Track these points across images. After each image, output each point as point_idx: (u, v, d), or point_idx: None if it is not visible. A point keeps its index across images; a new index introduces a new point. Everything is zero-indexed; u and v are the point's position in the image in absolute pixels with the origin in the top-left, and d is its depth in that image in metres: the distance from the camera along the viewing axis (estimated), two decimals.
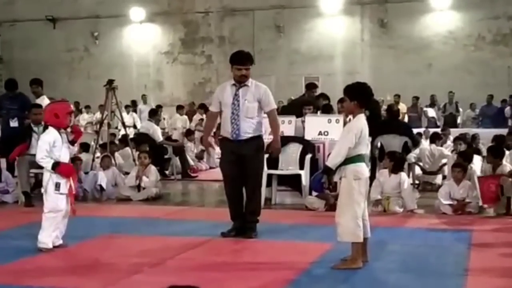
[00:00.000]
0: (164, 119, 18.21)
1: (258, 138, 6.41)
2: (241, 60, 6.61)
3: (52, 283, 4.65)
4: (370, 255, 5.11)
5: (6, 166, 9.49)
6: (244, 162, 6.31)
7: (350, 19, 21.23)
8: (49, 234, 5.71)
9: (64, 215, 5.77)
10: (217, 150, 14.94)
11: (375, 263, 5.25)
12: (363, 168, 5.00)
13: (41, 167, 8.98)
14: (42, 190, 5.87)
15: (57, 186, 5.72)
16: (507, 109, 17.88)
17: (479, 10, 19.93)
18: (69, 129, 6.15)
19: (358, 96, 5.11)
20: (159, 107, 15.37)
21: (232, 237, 6.23)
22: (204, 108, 17.67)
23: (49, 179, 5.79)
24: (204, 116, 15.93)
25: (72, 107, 6.13)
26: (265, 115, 6.59)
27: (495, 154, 8.25)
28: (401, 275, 4.91)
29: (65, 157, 5.87)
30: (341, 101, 10.13)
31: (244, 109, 6.34)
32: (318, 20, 21.38)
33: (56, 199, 5.71)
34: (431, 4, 20.35)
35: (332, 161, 5.03)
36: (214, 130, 8.81)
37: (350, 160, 4.94)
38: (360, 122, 5.02)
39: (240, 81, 6.51)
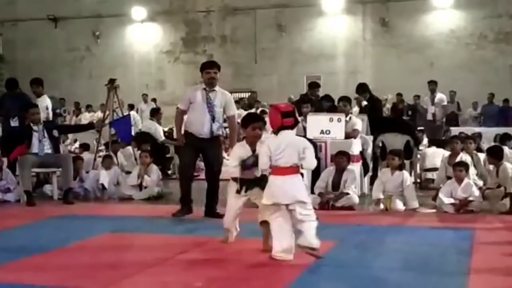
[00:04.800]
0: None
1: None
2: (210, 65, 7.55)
3: (54, 282, 4.64)
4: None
5: (7, 165, 9.50)
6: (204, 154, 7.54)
7: (352, 18, 21.23)
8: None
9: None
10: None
11: (377, 262, 5.24)
12: None
13: (43, 166, 9.08)
14: None
15: None
16: None
17: (481, 8, 19.92)
18: None
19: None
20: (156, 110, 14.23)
21: (181, 217, 7.33)
22: None
23: None
24: None
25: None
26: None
27: (496, 155, 8.23)
28: (403, 273, 4.89)
29: None
30: (342, 100, 10.14)
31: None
32: (320, 19, 21.38)
33: None
34: (433, 2, 20.34)
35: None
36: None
37: None
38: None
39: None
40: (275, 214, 5.07)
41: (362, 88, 11.31)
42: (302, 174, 7.81)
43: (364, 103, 10.64)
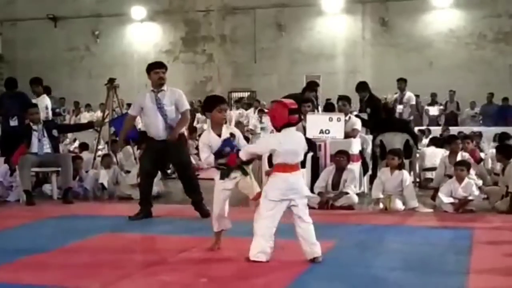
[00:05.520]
0: None
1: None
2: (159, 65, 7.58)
3: (53, 281, 4.64)
4: None
5: (8, 165, 9.49)
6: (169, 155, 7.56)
7: (351, 18, 21.23)
8: None
9: None
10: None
11: (376, 262, 5.25)
12: None
13: (43, 166, 9.08)
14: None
15: None
16: None
17: (480, 8, 19.93)
18: None
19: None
20: None
21: (139, 219, 7.22)
22: None
23: None
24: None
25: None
26: None
27: (504, 153, 8.25)
28: (402, 273, 4.89)
29: None
30: (341, 99, 10.14)
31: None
32: (319, 19, 21.38)
33: None
34: (432, 2, 20.35)
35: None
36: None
37: None
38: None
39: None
40: (269, 212, 4.97)
41: (362, 87, 11.31)
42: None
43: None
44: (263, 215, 4.99)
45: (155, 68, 7.44)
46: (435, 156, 10.33)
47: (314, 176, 8.44)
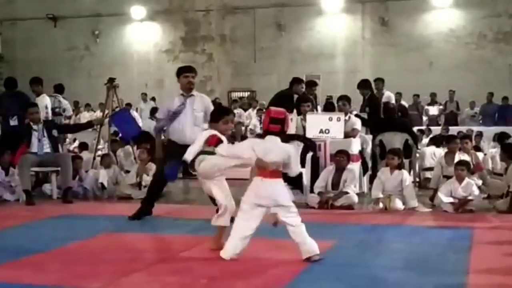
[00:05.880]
0: None
1: None
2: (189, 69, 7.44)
3: (52, 281, 4.64)
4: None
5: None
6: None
7: (351, 17, 21.23)
8: None
9: None
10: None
11: (376, 261, 5.25)
12: None
13: (43, 166, 9.08)
14: None
15: None
16: None
17: (480, 8, 19.93)
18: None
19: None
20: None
21: (139, 219, 7.24)
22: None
23: None
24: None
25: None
26: None
27: (509, 152, 8.24)
28: (402, 273, 4.89)
29: None
30: (341, 99, 10.15)
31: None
32: (319, 19, 21.38)
33: None
34: (432, 2, 20.35)
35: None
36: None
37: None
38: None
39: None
40: (243, 215, 5.04)
41: (363, 85, 11.30)
42: (301, 173, 7.92)
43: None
44: (238, 217, 5.10)
45: (185, 72, 7.32)
46: (434, 156, 10.33)
47: (314, 176, 8.45)
